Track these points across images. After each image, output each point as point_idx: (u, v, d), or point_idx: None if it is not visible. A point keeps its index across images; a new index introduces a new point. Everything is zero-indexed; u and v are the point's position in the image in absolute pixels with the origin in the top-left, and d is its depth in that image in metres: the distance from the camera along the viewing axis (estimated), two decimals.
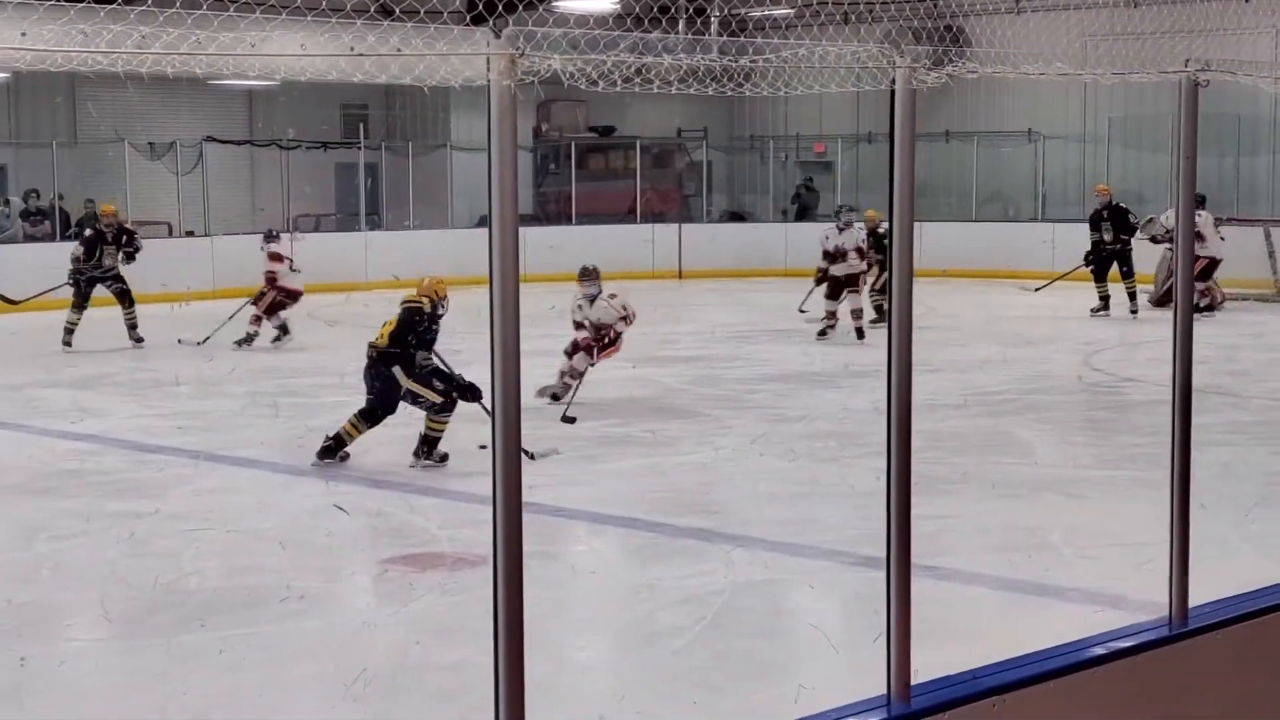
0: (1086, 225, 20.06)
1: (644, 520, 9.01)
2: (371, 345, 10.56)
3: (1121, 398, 13.59)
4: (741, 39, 3.54)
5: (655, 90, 3.40)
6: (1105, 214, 19.45)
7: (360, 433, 10.50)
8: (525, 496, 3.16)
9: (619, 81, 3.22)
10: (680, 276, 26.62)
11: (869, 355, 15.60)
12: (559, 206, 28.94)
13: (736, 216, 30.96)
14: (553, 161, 29.58)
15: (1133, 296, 19.24)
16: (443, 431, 10.45)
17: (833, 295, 17.31)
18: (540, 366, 12.49)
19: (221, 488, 10.01)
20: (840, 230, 17.64)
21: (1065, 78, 4.04)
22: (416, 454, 10.44)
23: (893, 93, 3.51)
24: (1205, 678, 4.26)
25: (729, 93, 3.63)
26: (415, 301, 10.59)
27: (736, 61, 3.46)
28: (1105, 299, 19.30)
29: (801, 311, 18.88)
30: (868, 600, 4.07)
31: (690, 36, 3.44)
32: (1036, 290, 21.27)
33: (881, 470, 3.82)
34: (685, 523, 8.89)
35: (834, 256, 17.42)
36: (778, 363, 15.76)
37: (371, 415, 10.51)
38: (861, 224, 18.09)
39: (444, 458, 10.41)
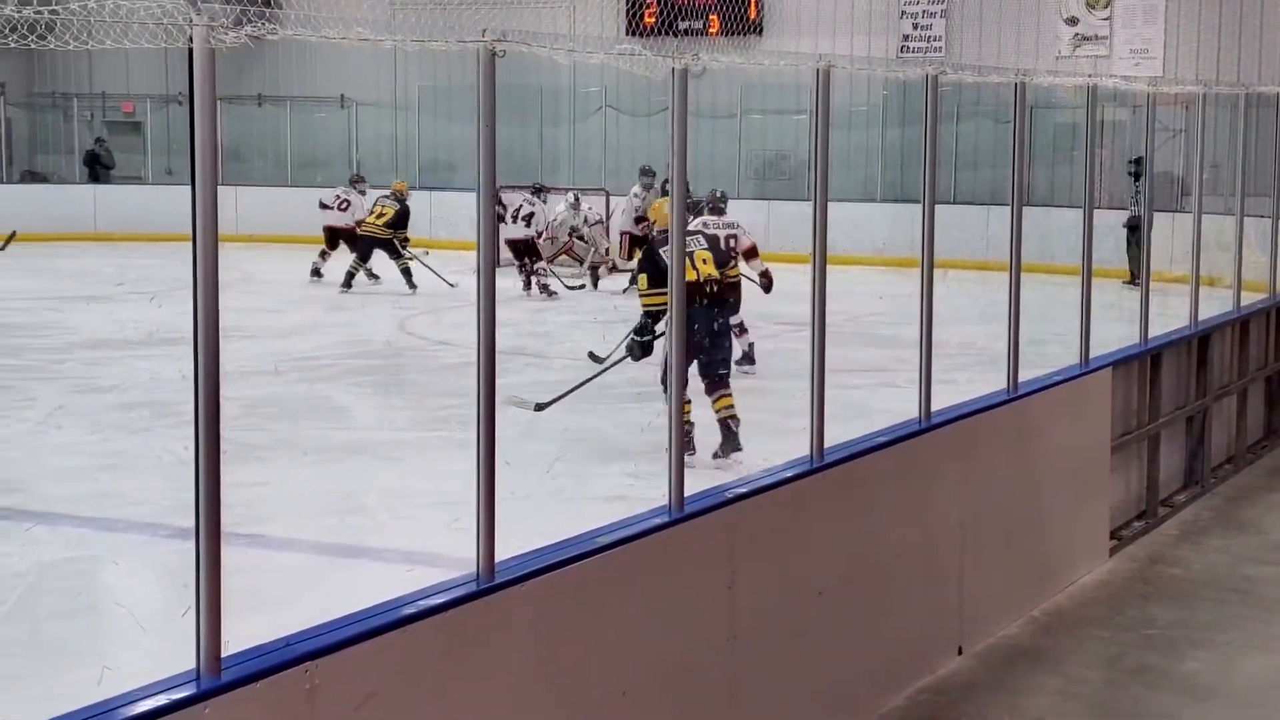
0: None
1: None
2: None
3: (434, 360, 13.92)
4: None
5: None
6: None
7: None
8: None
9: None
10: None
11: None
12: None
13: (38, 177, 29.34)
14: None
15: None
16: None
17: None
18: None
19: None
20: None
21: (368, 43, 4.06)
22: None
23: (190, 51, 3.40)
24: (512, 628, 4.42)
25: (32, 45, 3.42)
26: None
27: (40, 13, 3.26)
28: None
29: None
30: (181, 573, 3.95)
31: None
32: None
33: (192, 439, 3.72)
34: None
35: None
36: (86, 330, 15.10)
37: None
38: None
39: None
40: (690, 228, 13.32)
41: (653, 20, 25.45)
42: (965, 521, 6.91)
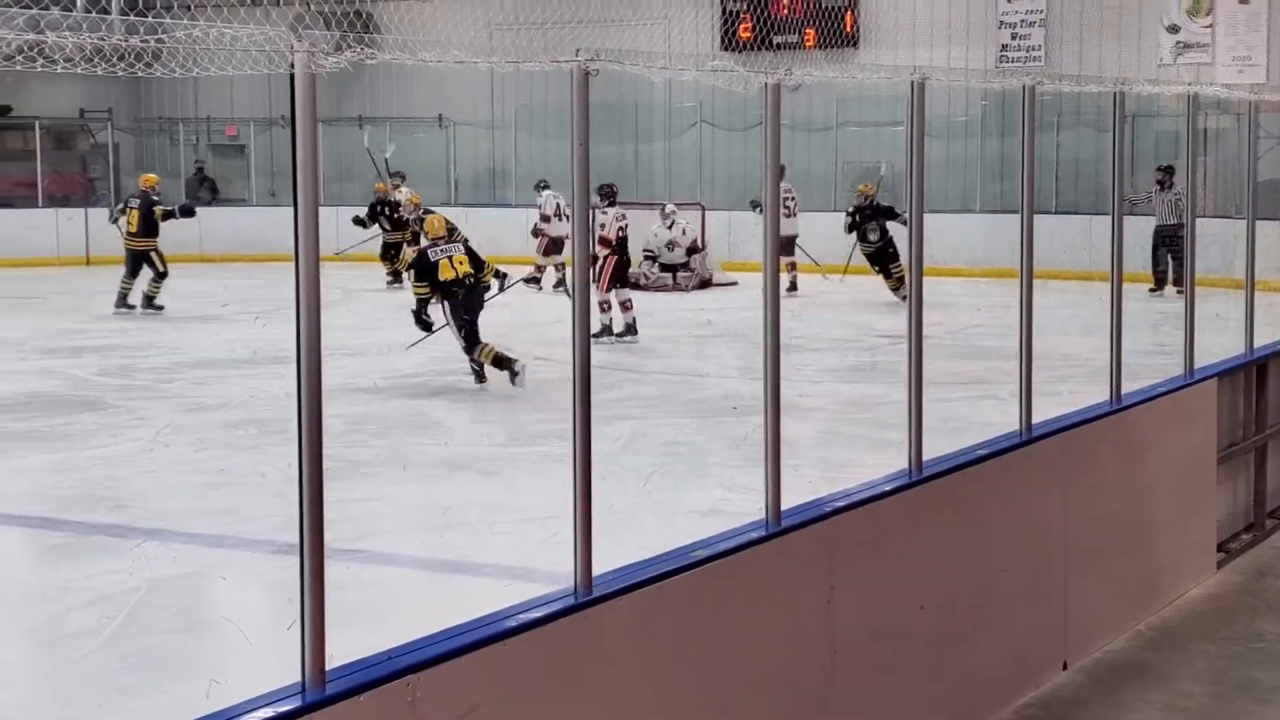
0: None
1: (51, 519, 8.59)
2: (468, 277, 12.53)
3: (532, 375, 13.96)
4: (150, 18, 3.41)
5: (59, 70, 3.22)
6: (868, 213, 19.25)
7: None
8: None
9: (18, 59, 3.02)
10: (88, 262, 25.43)
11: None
12: None
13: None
14: None
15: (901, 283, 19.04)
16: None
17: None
18: None
19: None
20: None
21: (464, 65, 4.11)
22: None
23: (292, 76, 3.47)
24: (611, 642, 4.45)
25: (139, 73, 3.50)
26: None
27: (146, 42, 3.34)
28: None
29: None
30: (287, 588, 4.02)
31: (95, 15, 3.29)
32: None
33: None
34: (96, 519, 8.54)
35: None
36: (194, 350, 15.34)
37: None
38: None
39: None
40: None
41: (748, 35, 25.43)
42: (1069, 535, 6.84)
